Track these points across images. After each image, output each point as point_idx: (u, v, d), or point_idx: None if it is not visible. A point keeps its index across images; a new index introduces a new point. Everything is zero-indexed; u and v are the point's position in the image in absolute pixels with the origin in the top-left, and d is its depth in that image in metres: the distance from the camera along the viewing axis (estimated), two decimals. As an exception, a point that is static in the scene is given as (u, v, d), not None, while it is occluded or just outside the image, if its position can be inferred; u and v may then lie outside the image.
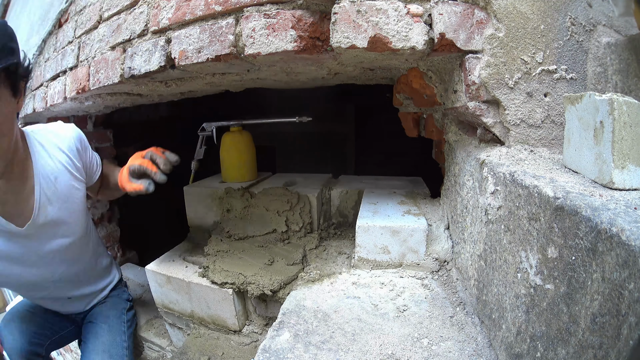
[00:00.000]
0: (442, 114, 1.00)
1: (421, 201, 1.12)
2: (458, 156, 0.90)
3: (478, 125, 0.83)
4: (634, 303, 0.33)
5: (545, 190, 0.50)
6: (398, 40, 0.73)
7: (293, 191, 1.23)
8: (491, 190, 0.66)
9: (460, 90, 0.80)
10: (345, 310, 0.78)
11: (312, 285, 0.89)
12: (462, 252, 0.84)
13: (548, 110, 0.74)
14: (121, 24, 1.07)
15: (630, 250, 0.34)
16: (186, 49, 0.89)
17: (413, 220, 0.93)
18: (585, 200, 0.43)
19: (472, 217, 0.77)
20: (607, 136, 0.49)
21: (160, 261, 1.22)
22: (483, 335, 0.69)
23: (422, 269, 0.92)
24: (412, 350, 0.66)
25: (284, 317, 0.76)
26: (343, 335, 0.70)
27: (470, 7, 0.74)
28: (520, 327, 0.55)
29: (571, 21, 0.75)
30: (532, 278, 0.52)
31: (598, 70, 0.73)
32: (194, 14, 0.87)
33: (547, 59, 0.74)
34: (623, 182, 0.48)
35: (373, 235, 0.92)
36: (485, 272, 0.69)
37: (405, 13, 0.73)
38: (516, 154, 0.71)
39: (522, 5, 0.73)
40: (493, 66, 0.73)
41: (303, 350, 0.66)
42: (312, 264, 1.01)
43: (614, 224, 0.37)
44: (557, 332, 0.45)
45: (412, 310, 0.78)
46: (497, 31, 0.73)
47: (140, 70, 0.99)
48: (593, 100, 0.52)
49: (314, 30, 0.78)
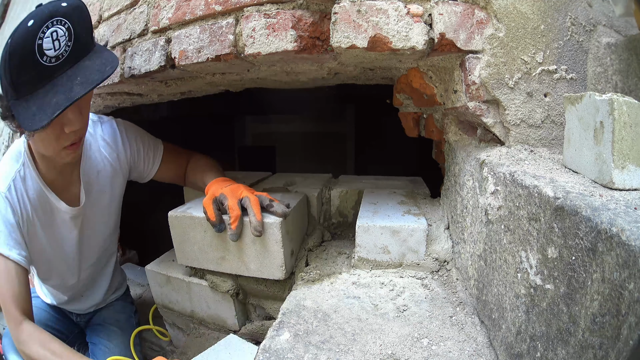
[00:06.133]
0: (442, 114, 1.00)
1: (421, 201, 1.12)
2: (458, 156, 0.90)
3: (478, 125, 0.83)
4: (634, 303, 0.33)
5: (545, 190, 0.50)
6: (398, 40, 0.73)
7: (293, 191, 1.23)
8: (491, 190, 0.66)
9: (460, 90, 0.80)
10: (345, 310, 0.78)
11: (312, 285, 0.89)
12: (462, 252, 0.84)
13: (548, 110, 0.74)
14: (121, 24, 1.07)
15: (630, 250, 0.34)
16: (186, 49, 0.89)
17: (413, 220, 0.93)
18: (585, 200, 0.43)
19: (472, 217, 0.77)
20: (607, 136, 0.49)
21: (160, 261, 1.22)
22: (483, 335, 0.69)
23: (422, 269, 0.92)
24: (412, 350, 0.66)
25: (284, 317, 0.76)
26: (343, 335, 0.70)
27: (471, 7, 0.74)
28: (520, 327, 0.55)
29: (571, 21, 0.75)
30: (532, 278, 0.52)
31: (598, 71, 0.73)
32: (194, 13, 0.87)
33: (547, 59, 0.74)
34: (623, 182, 0.48)
35: (373, 235, 0.92)
36: (485, 272, 0.69)
37: (406, 13, 0.73)
38: (516, 154, 0.71)
39: (522, 5, 0.73)
40: (493, 66, 0.73)
41: (303, 350, 0.66)
42: (312, 264, 1.01)
43: (614, 224, 0.37)
44: (557, 332, 0.45)
45: (412, 310, 0.78)
46: (497, 31, 0.73)
47: (140, 70, 0.99)
48: (593, 100, 0.52)
49: (314, 30, 0.78)
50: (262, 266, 0.96)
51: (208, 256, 1.02)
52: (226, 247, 0.98)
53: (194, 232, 1.00)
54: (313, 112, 3.04)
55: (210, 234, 0.98)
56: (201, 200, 1.14)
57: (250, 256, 0.96)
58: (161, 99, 1.36)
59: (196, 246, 1.02)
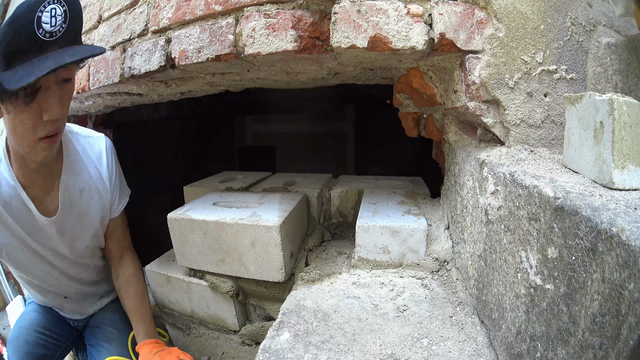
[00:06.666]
0: (442, 114, 1.00)
1: (421, 201, 1.12)
2: (458, 156, 0.90)
3: (478, 125, 0.83)
4: (634, 303, 0.33)
5: (545, 190, 0.50)
6: (398, 40, 0.73)
7: (293, 191, 1.23)
8: (491, 190, 0.66)
9: (460, 90, 0.80)
10: (345, 310, 0.78)
11: (312, 285, 0.89)
12: (462, 252, 0.84)
13: (548, 110, 0.74)
14: (121, 24, 1.07)
15: (630, 250, 0.34)
16: (186, 49, 0.89)
17: (413, 220, 0.93)
18: (585, 200, 0.43)
19: (472, 217, 0.77)
20: (607, 136, 0.49)
21: (160, 261, 1.22)
22: (483, 335, 0.69)
23: (422, 269, 0.92)
24: (412, 350, 0.66)
25: (284, 317, 0.76)
26: (343, 335, 0.70)
27: (471, 7, 0.74)
28: (520, 327, 0.55)
29: (571, 21, 0.75)
30: (532, 278, 0.52)
31: (598, 71, 0.73)
32: (194, 13, 0.87)
33: (547, 59, 0.74)
34: (623, 182, 0.48)
35: (373, 235, 0.92)
36: (485, 272, 0.69)
37: (406, 13, 0.73)
38: (516, 154, 0.71)
39: (522, 5, 0.73)
40: (493, 66, 0.73)
41: (303, 350, 0.66)
42: (312, 264, 1.01)
43: (614, 224, 0.37)
44: (557, 332, 0.45)
45: (412, 310, 0.78)
46: (497, 31, 0.73)
47: (140, 70, 0.99)
48: (593, 100, 0.52)
49: (314, 30, 0.78)
50: (261, 269, 0.96)
51: (208, 258, 1.02)
52: (226, 249, 0.98)
53: (194, 234, 1.00)
54: (313, 112, 3.05)
55: (209, 237, 0.98)
56: (202, 201, 1.14)
57: (250, 259, 0.96)
58: (161, 99, 1.36)
59: (196, 248, 1.02)
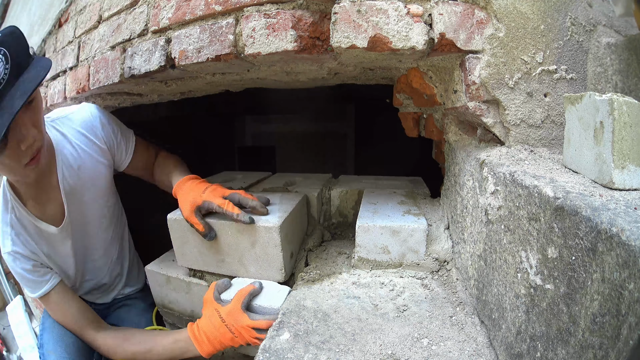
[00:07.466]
0: (442, 114, 1.00)
1: (421, 201, 1.12)
2: (458, 156, 0.90)
3: (478, 125, 0.83)
4: (634, 303, 0.33)
5: (545, 190, 0.50)
6: (398, 40, 0.73)
7: (293, 191, 1.23)
8: (491, 190, 0.66)
9: (460, 90, 0.80)
10: (345, 310, 0.78)
11: (312, 285, 0.89)
12: (462, 252, 0.84)
13: (548, 110, 0.74)
14: (121, 24, 1.07)
15: (630, 250, 0.34)
16: (186, 49, 0.89)
17: (413, 220, 0.93)
18: (585, 200, 0.43)
19: (472, 217, 0.77)
20: (607, 136, 0.49)
21: (160, 261, 1.22)
22: (483, 335, 0.69)
23: (422, 269, 0.92)
24: (412, 350, 0.66)
25: (284, 317, 0.76)
26: (343, 335, 0.70)
27: (471, 7, 0.74)
28: (520, 327, 0.55)
29: (571, 21, 0.75)
30: (532, 278, 0.52)
31: (598, 71, 0.73)
32: (194, 13, 0.87)
33: (547, 59, 0.74)
34: (623, 182, 0.48)
35: (373, 235, 0.92)
36: (485, 272, 0.69)
37: (406, 13, 0.73)
38: (516, 154, 0.71)
39: (522, 5, 0.73)
40: (493, 66, 0.73)
41: (303, 350, 0.66)
42: (312, 264, 1.01)
43: (614, 224, 0.37)
44: (557, 332, 0.45)
45: (412, 310, 0.78)
46: (497, 31, 0.73)
47: (140, 70, 0.99)
48: (593, 100, 0.52)
49: (314, 30, 0.78)
50: (261, 269, 0.96)
51: (208, 259, 1.02)
52: (226, 250, 0.98)
53: (193, 235, 1.00)
54: (313, 112, 3.04)
55: None
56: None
57: (250, 259, 0.96)
58: (161, 99, 1.36)
59: (196, 249, 1.02)
